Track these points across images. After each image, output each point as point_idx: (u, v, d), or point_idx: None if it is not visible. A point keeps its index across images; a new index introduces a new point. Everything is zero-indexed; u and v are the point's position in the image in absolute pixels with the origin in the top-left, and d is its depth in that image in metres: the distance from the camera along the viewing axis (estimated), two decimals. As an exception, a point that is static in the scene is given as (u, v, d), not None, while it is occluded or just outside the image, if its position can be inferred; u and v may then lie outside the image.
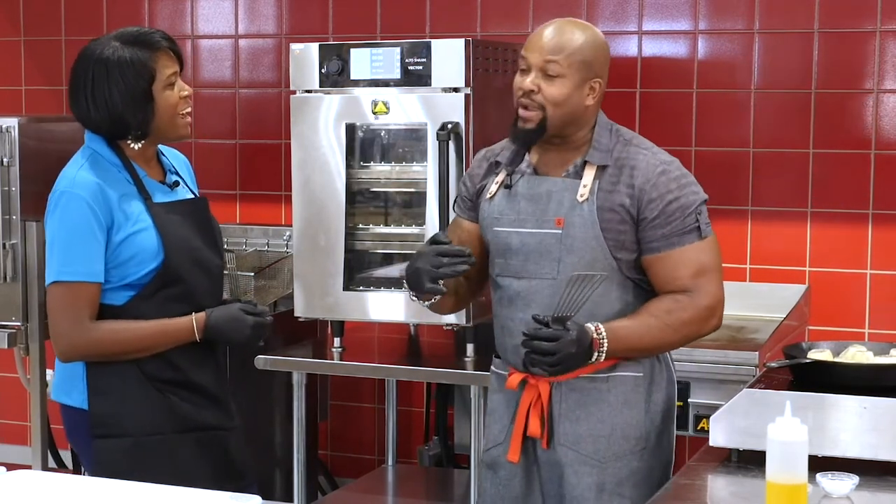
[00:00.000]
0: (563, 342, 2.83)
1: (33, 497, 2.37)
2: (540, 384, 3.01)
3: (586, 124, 3.00)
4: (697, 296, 2.95)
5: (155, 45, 2.99)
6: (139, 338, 2.98)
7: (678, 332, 2.97)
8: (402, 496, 4.66)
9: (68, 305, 2.96)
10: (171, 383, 3.03)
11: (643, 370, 3.02)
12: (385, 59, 4.01)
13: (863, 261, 4.47)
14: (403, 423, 4.97)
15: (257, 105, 5.27)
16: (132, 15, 5.39)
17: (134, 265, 2.97)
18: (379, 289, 4.11)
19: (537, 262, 2.99)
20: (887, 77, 4.42)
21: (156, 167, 3.12)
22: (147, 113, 2.99)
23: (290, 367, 4.16)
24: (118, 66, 2.95)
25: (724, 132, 4.60)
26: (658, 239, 2.95)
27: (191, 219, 3.09)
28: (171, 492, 2.42)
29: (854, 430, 2.76)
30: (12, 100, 5.56)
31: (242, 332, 3.04)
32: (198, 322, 3.02)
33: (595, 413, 3.00)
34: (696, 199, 2.98)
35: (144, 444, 3.00)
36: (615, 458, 2.99)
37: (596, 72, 2.96)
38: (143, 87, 2.97)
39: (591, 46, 2.95)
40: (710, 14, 4.60)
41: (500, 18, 4.82)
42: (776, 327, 4.13)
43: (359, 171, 4.14)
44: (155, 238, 2.98)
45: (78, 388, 3.04)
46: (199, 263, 3.07)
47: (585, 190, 2.96)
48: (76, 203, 2.94)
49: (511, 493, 3.11)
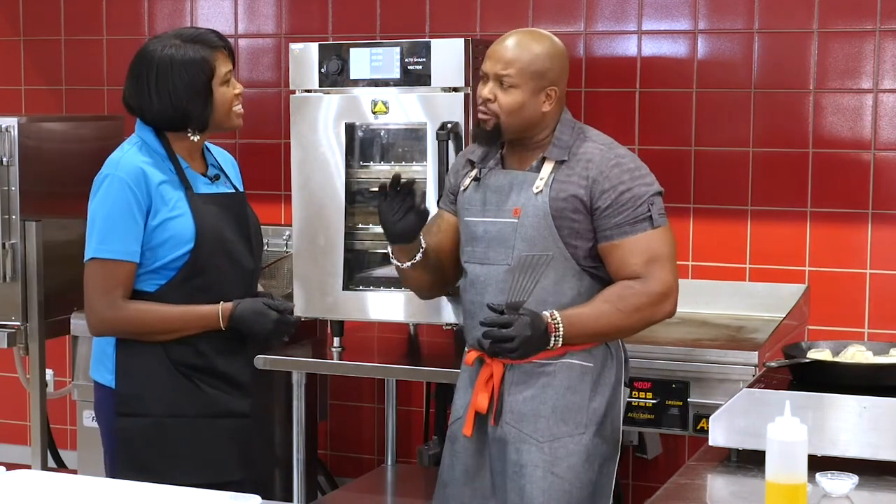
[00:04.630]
0: (518, 326, 3.04)
1: (33, 497, 2.37)
2: (494, 364, 3.21)
3: (546, 127, 3.24)
4: (649, 282, 3.13)
5: (213, 44, 3.20)
6: (166, 319, 3.12)
7: (630, 317, 3.13)
8: (402, 496, 4.65)
9: (102, 282, 3.10)
10: (196, 369, 3.17)
11: (594, 361, 3.19)
12: (385, 58, 4.01)
13: (862, 260, 4.47)
14: (403, 422, 4.97)
15: (257, 105, 5.26)
16: (132, 15, 5.39)
17: (167, 249, 3.11)
18: (378, 288, 4.11)
19: (496, 248, 3.21)
20: (887, 77, 4.42)
21: (199, 161, 3.28)
22: (207, 106, 3.17)
23: (289, 367, 4.16)
24: (182, 62, 3.14)
25: (724, 132, 4.60)
26: (611, 227, 3.13)
27: (227, 212, 3.23)
28: (172, 492, 2.42)
29: (853, 429, 2.76)
30: (12, 100, 5.56)
31: (265, 325, 3.17)
32: (224, 311, 3.15)
33: (539, 395, 3.18)
34: (648, 190, 3.16)
35: (166, 424, 3.13)
36: (553, 438, 3.16)
37: (551, 80, 3.19)
38: (204, 82, 3.16)
39: (545, 57, 3.18)
40: (710, 14, 4.60)
41: (500, 18, 4.82)
42: (776, 327, 4.13)
43: (358, 171, 4.14)
44: (190, 225, 3.12)
45: (108, 366, 3.18)
46: (229, 255, 3.20)
47: (541, 183, 3.18)
48: (118, 185, 3.09)
49: (463, 466, 3.31)
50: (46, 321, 4.60)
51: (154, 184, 3.10)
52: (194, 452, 3.14)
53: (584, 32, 4.72)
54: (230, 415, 3.21)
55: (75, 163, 4.69)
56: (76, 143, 4.83)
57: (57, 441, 5.09)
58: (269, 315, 3.17)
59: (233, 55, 3.28)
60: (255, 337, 3.22)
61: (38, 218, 4.57)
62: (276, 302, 3.22)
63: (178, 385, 3.14)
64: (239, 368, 3.25)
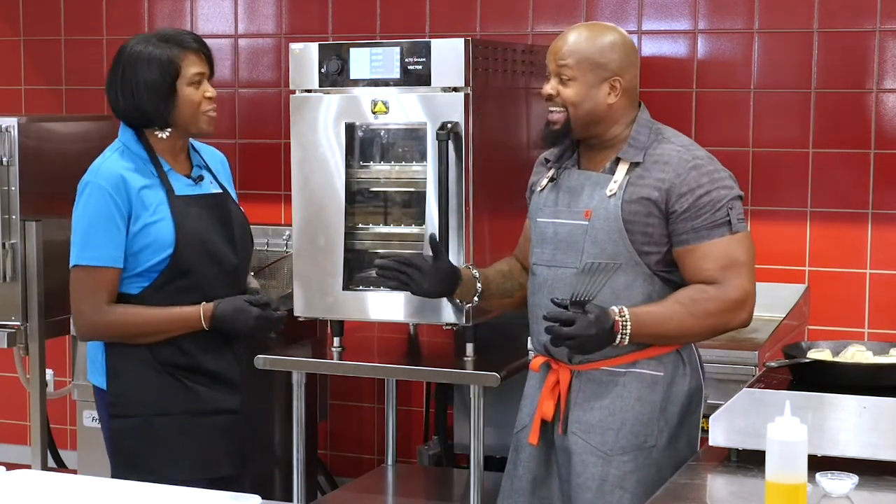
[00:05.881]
0: (581, 324, 2.93)
1: (33, 497, 2.37)
2: (561, 370, 3.12)
3: (616, 122, 3.12)
4: (724, 288, 3.01)
5: (185, 45, 3.20)
6: (150, 322, 3.16)
7: (701, 322, 3.03)
8: (402, 496, 4.65)
9: (87, 288, 3.15)
10: (183, 368, 3.20)
11: (664, 370, 3.08)
12: (385, 58, 4.01)
13: (862, 260, 4.47)
14: (403, 422, 4.97)
15: (257, 105, 5.27)
16: (132, 15, 5.40)
17: (148, 254, 3.14)
18: (378, 288, 4.11)
19: (565, 251, 3.11)
20: (887, 77, 4.42)
21: (184, 162, 3.29)
22: (168, 105, 3.16)
23: (289, 367, 4.15)
24: (147, 59, 3.16)
25: (724, 132, 4.60)
26: (688, 231, 3.02)
27: (210, 212, 3.24)
28: (172, 492, 2.42)
29: (853, 429, 2.76)
30: (12, 100, 5.56)
31: (247, 322, 3.19)
32: (205, 312, 3.18)
33: (608, 406, 3.07)
34: (727, 194, 3.04)
35: (155, 423, 3.18)
36: (622, 451, 3.05)
37: (613, 70, 3.08)
38: (168, 81, 3.16)
39: (602, 48, 3.08)
40: (710, 13, 4.61)
41: (500, 18, 4.82)
42: (776, 327, 4.13)
43: (358, 171, 4.14)
44: (170, 228, 3.14)
45: (99, 369, 3.24)
46: (212, 256, 3.21)
47: (615, 185, 3.07)
48: (98, 192, 3.13)
49: (530, 475, 3.21)
50: (46, 321, 4.61)
51: (134, 189, 3.13)
52: (184, 449, 3.18)
53: (584, 32, 4.71)
54: (219, 411, 3.24)
55: (75, 163, 4.65)
56: (76, 143, 4.83)
57: (57, 441, 5.09)
58: (249, 311, 3.19)
59: (210, 59, 3.26)
60: (239, 334, 3.24)
61: (38, 218, 4.57)
62: (257, 297, 3.23)
63: (165, 384, 3.18)
64: (227, 365, 3.27)
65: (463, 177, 3.90)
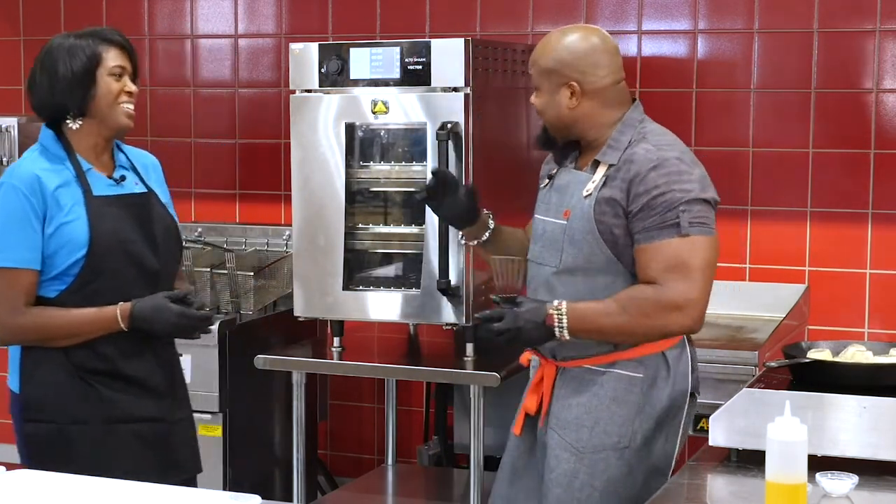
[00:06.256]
0: (508, 318, 2.99)
1: (32, 497, 2.37)
2: (547, 366, 3.15)
3: (591, 125, 3.10)
4: (662, 289, 2.95)
5: (108, 39, 3.15)
6: (67, 324, 3.07)
7: (637, 322, 2.98)
8: (402, 496, 4.66)
9: (3, 291, 3.06)
10: (99, 374, 3.10)
11: (644, 372, 3.06)
12: (385, 58, 4.01)
13: (862, 260, 4.47)
14: (403, 422, 4.97)
15: (257, 105, 5.27)
16: (132, 15, 5.40)
17: (63, 255, 3.06)
18: (378, 288, 4.11)
19: (548, 249, 3.13)
20: (887, 77, 4.42)
21: (107, 161, 3.20)
22: (86, 93, 3.11)
23: (289, 367, 4.16)
24: (68, 49, 3.12)
25: (724, 132, 4.60)
26: (639, 231, 2.99)
27: (129, 212, 3.15)
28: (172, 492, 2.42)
29: (853, 429, 2.76)
30: (12, 99, 5.56)
31: (168, 321, 3.08)
32: (122, 311, 3.08)
33: (584, 403, 3.08)
34: (682, 197, 2.96)
35: (68, 432, 3.08)
36: (594, 450, 3.06)
37: (568, 75, 3.06)
38: (87, 69, 3.11)
39: (556, 53, 3.07)
40: (710, 13, 4.60)
41: (500, 18, 4.82)
42: (776, 327, 4.13)
43: (358, 171, 4.14)
44: (85, 229, 3.06)
45: (14, 372, 3.16)
46: (129, 257, 3.12)
47: (592, 186, 3.06)
48: (13, 193, 3.06)
49: (511, 464, 3.29)
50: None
51: (49, 190, 3.05)
52: (100, 461, 3.02)
53: (584, 32, 4.71)
54: (141, 419, 3.12)
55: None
56: (76, 143, 4.82)
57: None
58: (170, 309, 3.07)
59: (134, 59, 3.20)
60: (159, 334, 3.13)
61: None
62: (176, 293, 3.12)
63: (79, 392, 3.08)
64: (148, 370, 3.15)
65: (463, 177, 3.90)
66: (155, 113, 5.41)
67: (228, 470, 4.46)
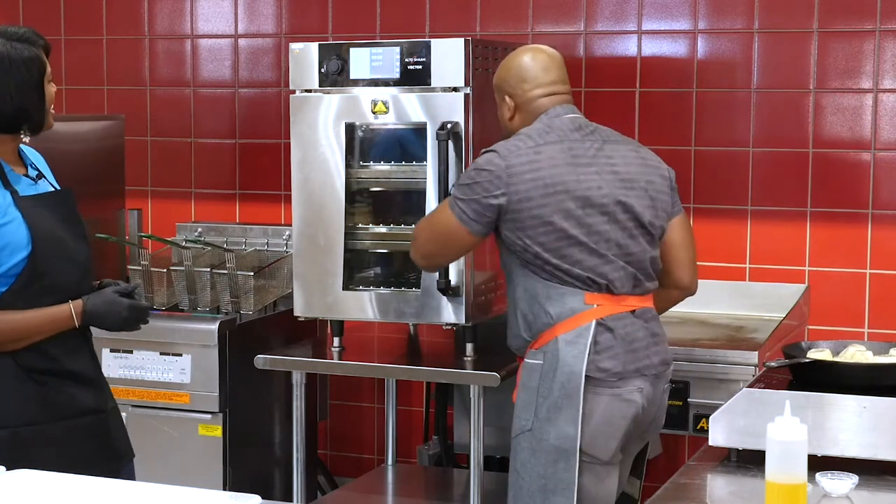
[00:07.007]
0: None
1: (33, 497, 2.37)
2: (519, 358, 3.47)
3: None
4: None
5: (40, 43, 3.13)
6: (20, 327, 3.04)
7: None
8: (402, 496, 4.65)
9: None
10: (46, 373, 3.09)
11: (543, 358, 3.30)
12: (384, 58, 4.01)
13: (862, 260, 4.47)
14: (403, 422, 4.97)
15: (257, 104, 5.27)
16: (132, 15, 5.40)
17: (4, 257, 3.02)
18: (378, 288, 4.11)
19: None
20: (886, 77, 4.42)
21: (19, 162, 3.20)
22: (43, 104, 3.11)
23: (289, 367, 4.16)
24: (21, 60, 3.07)
25: (724, 132, 4.60)
26: None
27: (55, 210, 3.15)
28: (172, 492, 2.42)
29: (853, 429, 2.76)
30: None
31: (119, 314, 3.12)
32: (76, 308, 3.08)
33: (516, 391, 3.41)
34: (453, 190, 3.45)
35: (22, 434, 3.06)
36: (514, 435, 3.36)
37: (504, 90, 3.49)
38: (38, 80, 3.09)
39: (499, 72, 3.52)
40: (710, 13, 4.60)
41: (500, 18, 4.82)
42: (775, 327, 4.13)
43: (358, 171, 4.14)
44: (23, 229, 3.04)
45: None
46: (66, 254, 3.12)
47: None
48: None
49: None
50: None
51: None
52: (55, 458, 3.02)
53: (584, 32, 4.72)
54: (85, 412, 3.14)
55: (75, 163, 4.69)
56: (76, 142, 4.83)
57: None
58: (121, 303, 3.11)
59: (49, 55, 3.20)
60: (111, 328, 3.16)
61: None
62: (124, 287, 3.15)
63: (30, 393, 3.07)
64: (85, 363, 3.17)
65: (463, 177, 3.89)
66: (155, 113, 5.41)
67: (228, 470, 4.46)
